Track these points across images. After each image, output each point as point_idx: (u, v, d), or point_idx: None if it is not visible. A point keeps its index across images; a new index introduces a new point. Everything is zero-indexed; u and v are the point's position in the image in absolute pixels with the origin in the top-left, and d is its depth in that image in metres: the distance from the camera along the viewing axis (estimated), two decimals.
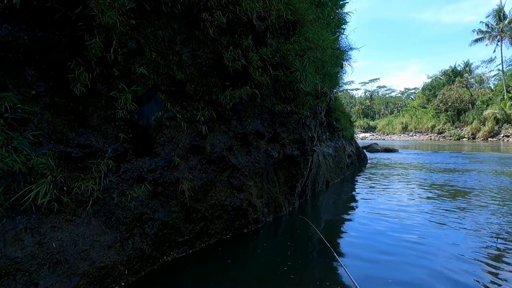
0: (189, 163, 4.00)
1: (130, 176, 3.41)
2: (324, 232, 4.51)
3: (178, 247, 3.80)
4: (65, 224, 2.80)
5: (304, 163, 5.91)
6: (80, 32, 2.95)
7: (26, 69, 2.77)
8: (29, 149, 2.62)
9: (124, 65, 3.34)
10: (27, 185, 2.56)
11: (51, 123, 2.87)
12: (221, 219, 4.30)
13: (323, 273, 3.56)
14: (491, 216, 5.51)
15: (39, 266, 2.53)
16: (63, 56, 2.95)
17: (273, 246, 4.26)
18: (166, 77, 3.80)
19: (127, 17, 3.25)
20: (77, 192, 2.90)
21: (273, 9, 4.74)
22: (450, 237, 4.49)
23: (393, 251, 4.01)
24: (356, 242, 4.44)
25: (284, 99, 5.21)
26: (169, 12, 3.70)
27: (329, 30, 7.41)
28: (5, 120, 2.52)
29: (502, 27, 50.43)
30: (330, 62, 6.49)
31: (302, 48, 5.26)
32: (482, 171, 11.79)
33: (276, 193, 5.44)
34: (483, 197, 7.13)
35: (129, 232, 3.28)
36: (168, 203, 3.72)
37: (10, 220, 2.47)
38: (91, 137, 3.14)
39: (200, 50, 4.13)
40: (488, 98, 52.76)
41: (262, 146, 4.92)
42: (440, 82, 66.47)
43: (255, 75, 4.59)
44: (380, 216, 5.63)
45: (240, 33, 4.48)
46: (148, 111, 3.50)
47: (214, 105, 4.30)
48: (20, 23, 2.71)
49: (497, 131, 46.49)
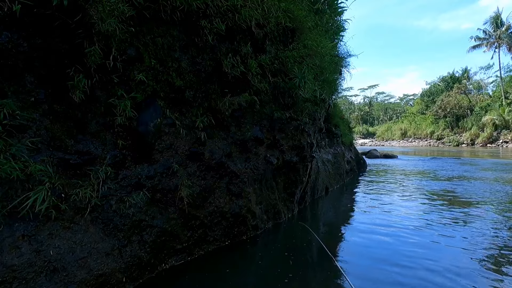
0: (188, 169, 3.99)
1: (128, 183, 3.40)
2: (323, 239, 4.48)
3: (176, 254, 3.77)
4: (62, 231, 2.78)
5: (303, 169, 5.90)
6: (80, 39, 2.96)
7: (26, 76, 2.78)
8: (28, 156, 2.61)
9: (123, 72, 3.35)
10: (25, 192, 2.55)
11: (49, 129, 2.87)
12: (220, 226, 4.28)
13: (323, 280, 3.53)
14: (492, 227, 5.49)
15: (36, 274, 2.51)
16: (63, 63, 2.96)
17: (272, 253, 4.23)
18: (165, 84, 3.81)
19: (126, 25, 3.27)
20: (75, 199, 2.88)
21: (272, 17, 4.78)
22: (451, 248, 4.45)
23: (394, 260, 3.98)
24: (356, 250, 4.41)
25: (283, 106, 5.23)
26: (168, 19, 3.73)
27: (327, 37, 7.47)
28: (4, 127, 2.51)
29: (500, 34, 50.86)
30: (328, 69, 6.53)
31: (301, 55, 5.30)
32: (482, 178, 11.78)
33: (275, 199, 5.42)
34: (481, 204, 7.11)
35: (127, 240, 3.26)
36: (166, 210, 3.71)
37: (8, 227, 2.45)
38: (89, 144, 3.14)
39: (199, 57, 4.15)
40: (487, 104, 52.94)
41: (261, 153, 4.92)
42: (438, 89, 66.75)
43: (254, 82, 4.61)
44: (380, 223, 5.60)
45: (239, 40, 4.51)
46: (147, 117, 3.51)
47: (213, 112, 4.31)
48: (20, 31, 2.72)
49: (496, 137, 46.55)
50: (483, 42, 53.50)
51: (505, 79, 52.81)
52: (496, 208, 6.64)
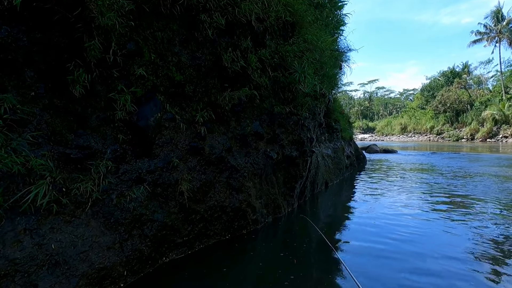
0: (188, 164, 4.00)
1: (129, 177, 3.41)
2: (323, 232, 4.51)
3: (177, 248, 3.80)
4: (64, 225, 2.80)
5: (303, 164, 5.92)
6: (79, 33, 2.95)
7: (26, 70, 2.77)
8: (28, 150, 2.62)
9: (123, 67, 3.34)
10: (26, 186, 2.56)
11: (50, 124, 2.87)
12: (220, 220, 4.30)
13: (323, 273, 3.56)
14: (487, 222, 5.52)
15: (38, 267, 2.53)
16: (62, 57, 2.95)
17: (272, 247, 4.26)
18: (165, 79, 3.80)
19: (126, 19, 3.26)
20: (76, 193, 2.90)
21: (272, 11, 4.76)
22: (449, 238, 4.50)
23: (395, 252, 4.01)
24: (356, 243, 4.44)
25: (283, 100, 5.23)
26: (168, 13, 3.72)
27: (327, 32, 7.44)
28: (5, 121, 2.52)
29: (500, 28, 50.59)
30: (328, 63, 6.51)
31: (301, 49, 5.28)
32: (482, 173, 11.81)
33: (275, 194, 5.44)
34: (480, 201, 7.15)
35: (128, 233, 3.28)
36: (167, 204, 3.72)
37: (9, 221, 2.47)
38: (90, 138, 3.14)
39: (199, 52, 4.14)
40: (487, 99, 52.88)
41: (261, 147, 4.93)
42: (438, 83, 66.64)
43: (254, 77, 4.60)
44: (379, 217, 5.63)
45: (239, 35, 4.50)
46: (147, 112, 3.51)
47: (213, 106, 4.31)
48: (20, 25, 2.71)
49: (495, 132, 46.56)
50: (483, 36, 53.23)
51: (505, 73, 52.70)
52: (499, 207, 6.67)
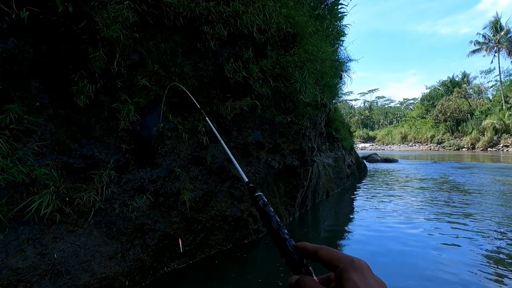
0: (190, 173, 4.02)
1: (131, 187, 3.43)
2: (324, 242, 4.49)
3: (178, 258, 3.79)
4: (66, 235, 2.81)
5: (304, 173, 5.93)
6: (84, 45, 3.01)
7: (31, 81, 2.82)
8: (33, 160, 2.65)
9: (127, 77, 3.39)
10: (29, 196, 2.58)
11: (54, 134, 2.91)
12: (221, 230, 4.29)
13: None
14: (495, 243, 5.50)
15: (41, 277, 2.53)
16: (67, 68, 3.00)
17: (273, 257, 4.24)
18: (168, 89, 3.85)
19: (130, 30, 3.32)
20: (79, 202, 2.91)
21: (273, 22, 4.83)
22: (454, 253, 4.48)
23: (393, 261, 4.00)
24: (357, 253, 4.42)
25: (284, 110, 5.26)
26: (171, 25, 3.78)
27: (328, 42, 7.53)
28: (10, 131, 2.55)
29: (499, 38, 51.05)
30: (329, 73, 6.57)
31: (302, 59, 5.34)
32: (484, 183, 11.78)
33: (276, 203, 5.44)
34: (481, 213, 7.12)
35: (130, 243, 3.28)
36: (169, 214, 3.73)
37: (13, 230, 2.48)
38: (93, 148, 3.17)
39: (201, 62, 4.20)
40: (487, 109, 52.98)
41: (262, 157, 4.94)
42: (438, 93, 66.87)
43: (255, 87, 4.65)
44: (381, 228, 5.62)
45: (240, 46, 4.56)
46: (150, 122, 3.55)
47: (215, 116, 4.35)
48: (26, 37, 2.77)
49: (496, 141, 46.52)
50: (482, 46, 53.69)
51: (505, 83, 52.93)
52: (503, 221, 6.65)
